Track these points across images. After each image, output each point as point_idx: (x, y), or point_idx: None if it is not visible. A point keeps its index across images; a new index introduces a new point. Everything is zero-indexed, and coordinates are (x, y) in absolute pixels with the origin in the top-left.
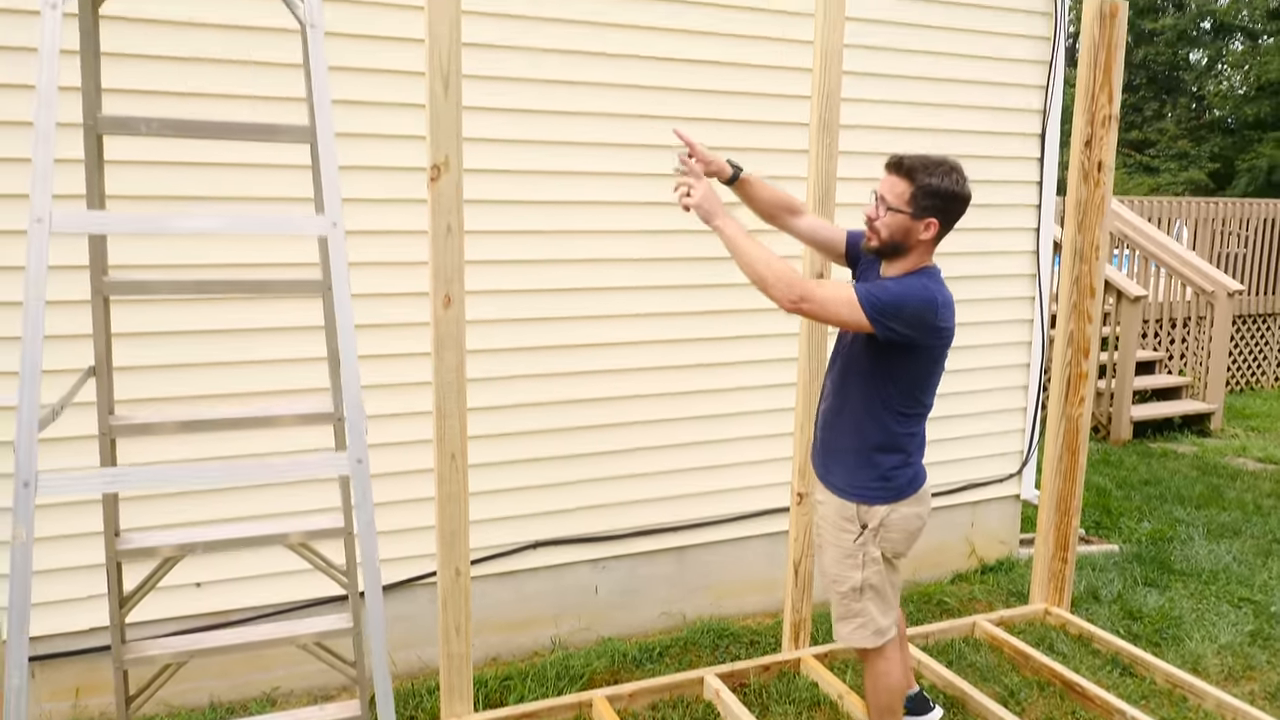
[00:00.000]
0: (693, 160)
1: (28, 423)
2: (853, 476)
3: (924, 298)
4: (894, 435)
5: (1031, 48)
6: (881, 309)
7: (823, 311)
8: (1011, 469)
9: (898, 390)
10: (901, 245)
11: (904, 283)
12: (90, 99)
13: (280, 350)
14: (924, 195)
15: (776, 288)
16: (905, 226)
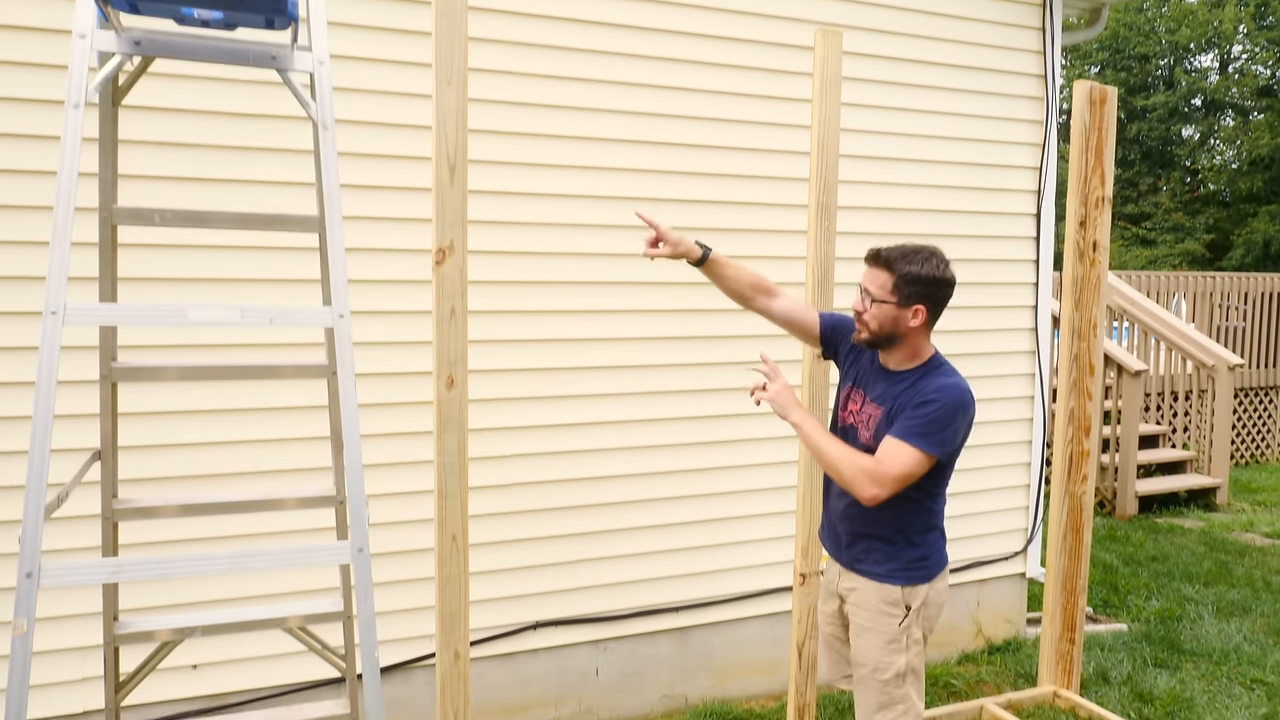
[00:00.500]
0: (765, 364)
1: (34, 512)
2: (893, 561)
3: (960, 401)
4: (931, 515)
5: (1025, 130)
6: (939, 440)
7: (897, 482)
8: (1016, 546)
9: (936, 479)
10: (893, 335)
11: (931, 400)
12: (106, 189)
13: (284, 429)
14: (906, 283)
15: (855, 486)
16: (893, 316)
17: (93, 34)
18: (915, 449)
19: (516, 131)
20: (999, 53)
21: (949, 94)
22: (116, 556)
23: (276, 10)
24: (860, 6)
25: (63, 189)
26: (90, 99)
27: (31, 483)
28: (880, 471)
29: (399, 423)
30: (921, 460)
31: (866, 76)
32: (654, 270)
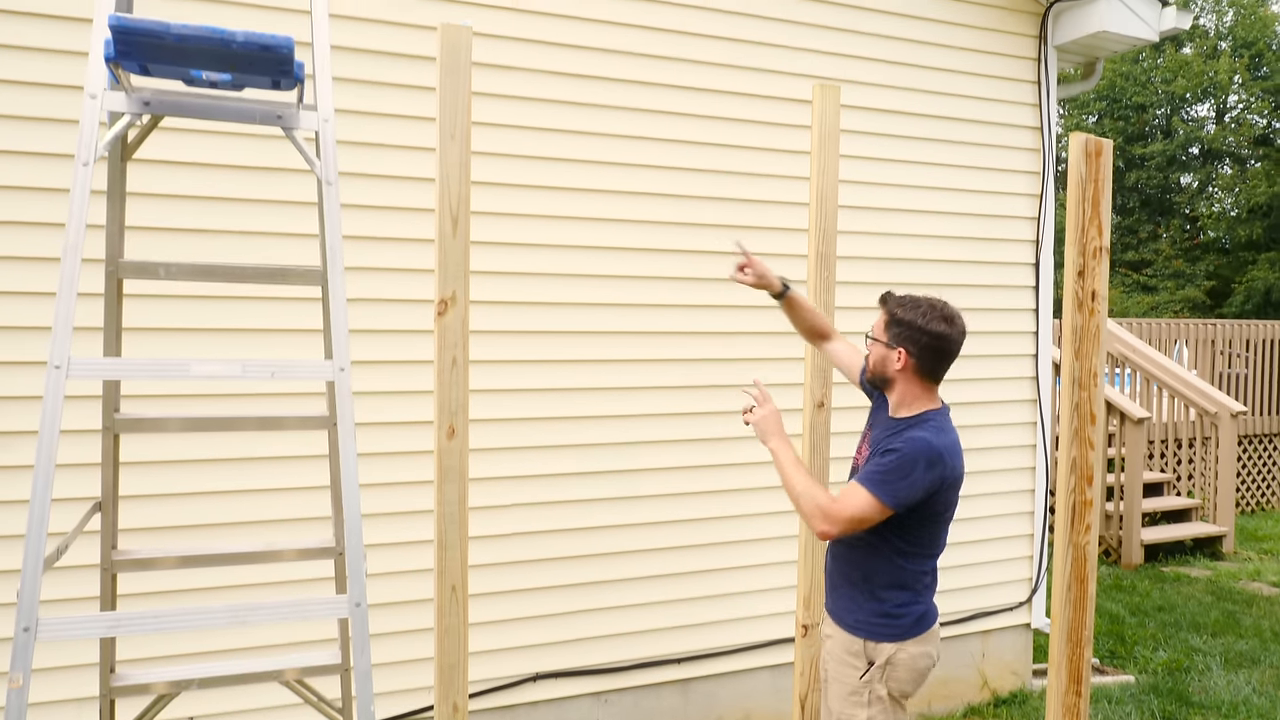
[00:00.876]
0: (757, 389)
1: (33, 566)
2: (859, 611)
3: (923, 453)
4: (901, 573)
5: (1023, 181)
6: (893, 488)
7: (849, 523)
8: (1021, 597)
9: (904, 533)
10: (883, 376)
11: (896, 448)
12: (113, 242)
13: (284, 479)
14: (893, 324)
15: (809, 519)
16: (882, 355)
17: (104, 94)
18: (869, 494)
19: (518, 184)
20: (995, 105)
21: (946, 146)
22: (115, 609)
23: (282, 72)
24: (857, 62)
25: (70, 243)
26: (99, 156)
27: (31, 535)
28: (832, 509)
29: (398, 472)
30: (874, 505)
31: (865, 129)
32: (654, 320)
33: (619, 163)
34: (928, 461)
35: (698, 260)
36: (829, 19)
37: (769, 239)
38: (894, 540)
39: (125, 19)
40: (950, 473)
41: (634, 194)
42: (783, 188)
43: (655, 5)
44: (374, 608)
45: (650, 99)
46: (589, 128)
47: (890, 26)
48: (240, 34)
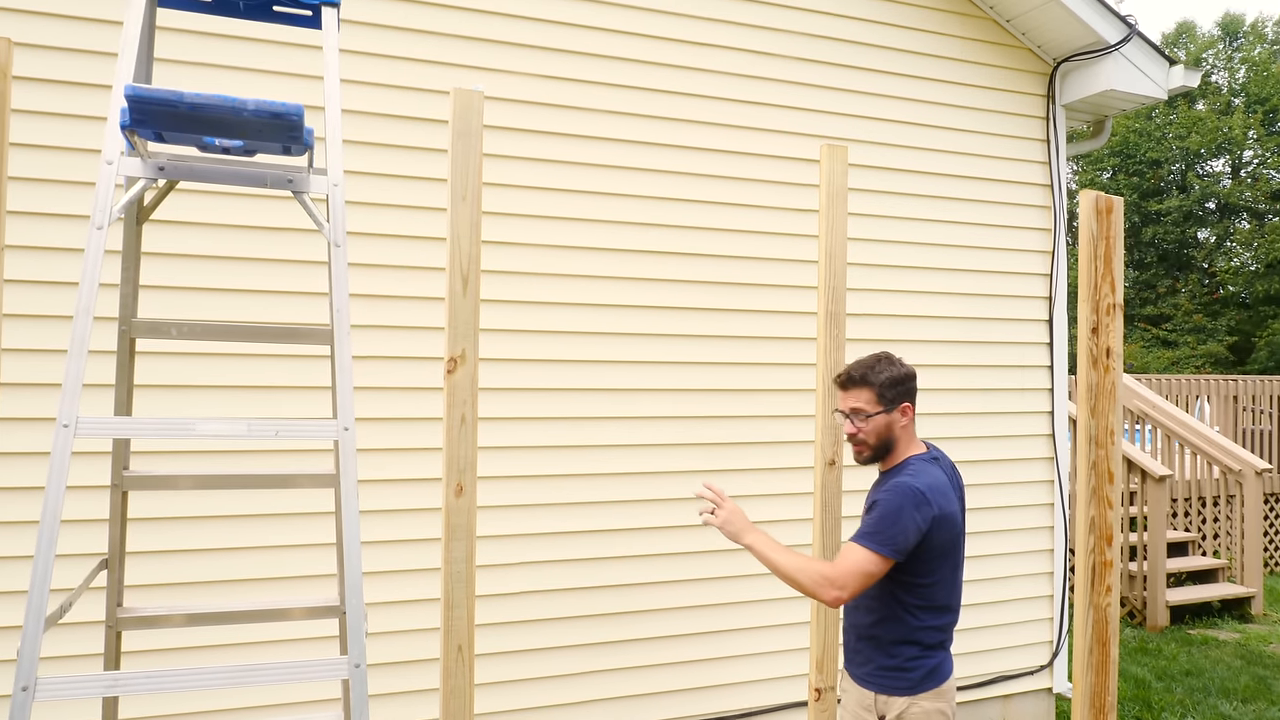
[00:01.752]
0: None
1: (34, 624)
2: (869, 664)
3: (907, 497)
4: (908, 627)
5: (1034, 238)
6: (885, 539)
7: (859, 585)
8: (1042, 660)
9: (909, 590)
10: (890, 441)
11: (880, 500)
12: (127, 303)
13: (290, 536)
14: (888, 388)
15: (817, 592)
16: (887, 423)
17: (119, 160)
18: (864, 549)
19: (527, 243)
20: (1004, 163)
21: (956, 203)
22: (119, 667)
23: (292, 138)
24: (865, 121)
25: (82, 304)
26: (114, 219)
27: (34, 592)
28: (836, 575)
29: (404, 529)
30: (873, 559)
31: (873, 188)
32: (660, 378)
33: (627, 221)
34: (914, 504)
35: (702, 319)
36: (836, 80)
37: (780, 296)
38: (899, 595)
39: (140, 89)
40: (939, 510)
41: (641, 252)
42: (792, 246)
43: (663, 69)
44: (378, 667)
45: (658, 159)
46: (597, 188)
47: (897, 87)
48: (251, 102)
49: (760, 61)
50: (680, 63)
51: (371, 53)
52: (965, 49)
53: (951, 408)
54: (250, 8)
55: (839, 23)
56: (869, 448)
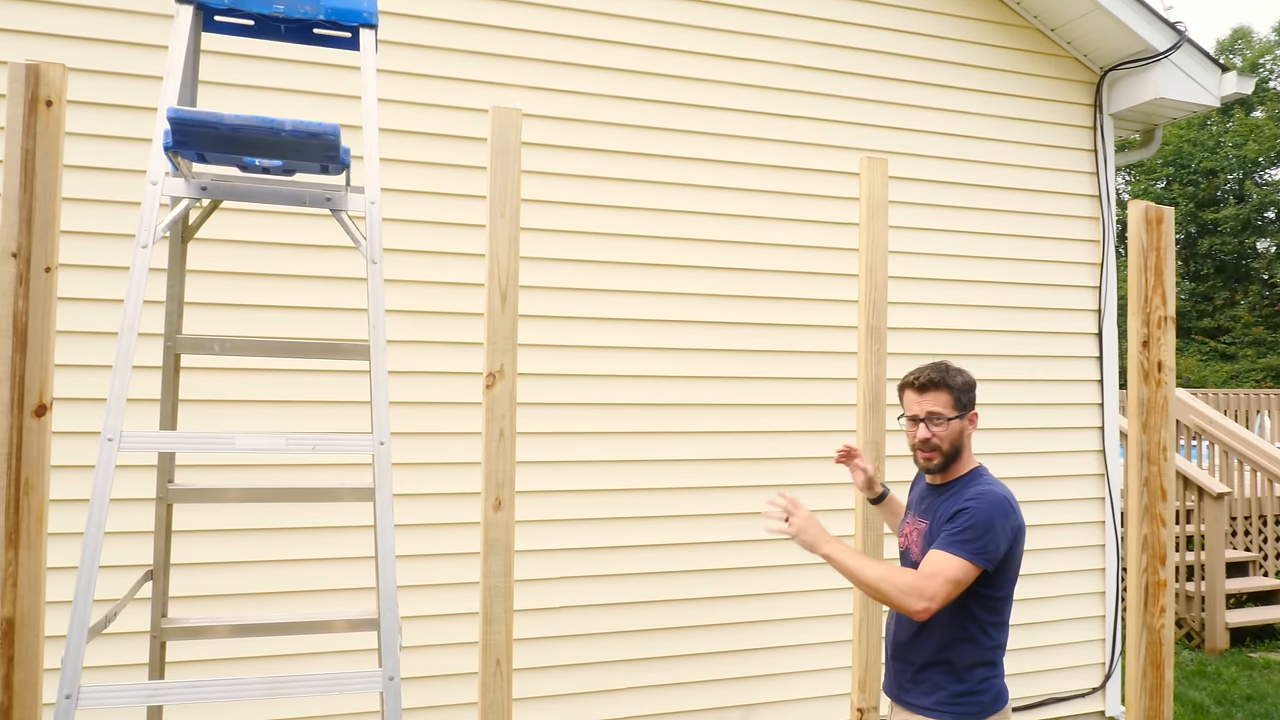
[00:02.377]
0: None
1: (78, 633)
2: (941, 691)
3: (998, 505)
4: (984, 649)
5: (1082, 250)
6: (983, 549)
7: (949, 594)
8: (1094, 682)
9: (986, 601)
10: (959, 448)
11: (968, 508)
12: (172, 320)
13: (329, 549)
14: (964, 392)
15: (903, 603)
16: (959, 429)
17: (164, 180)
18: (956, 557)
19: (566, 259)
20: (1050, 174)
21: (1000, 215)
22: (164, 677)
23: (329, 157)
24: (905, 134)
25: (127, 321)
26: (159, 237)
27: (78, 603)
28: (926, 586)
29: (441, 544)
30: (965, 567)
31: (915, 200)
32: (698, 393)
33: (664, 236)
34: (1003, 512)
35: (739, 333)
36: (876, 93)
37: (819, 311)
38: (976, 612)
39: (182, 111)
40: (1020, 519)
41: (679, 266)
42: (832, 259)
43: (700, 84)
44: (417, 680)
45: (696, 174)
46: (635, 203)
47: (939, 99)
48: (289, 123)
49: (800, 75)
50: (717, 78)
51: (409, 72)
52: (1008, 59)
53: (998, 423)
54: (291, 31)
55: (878, 35)
56: (941, 454)
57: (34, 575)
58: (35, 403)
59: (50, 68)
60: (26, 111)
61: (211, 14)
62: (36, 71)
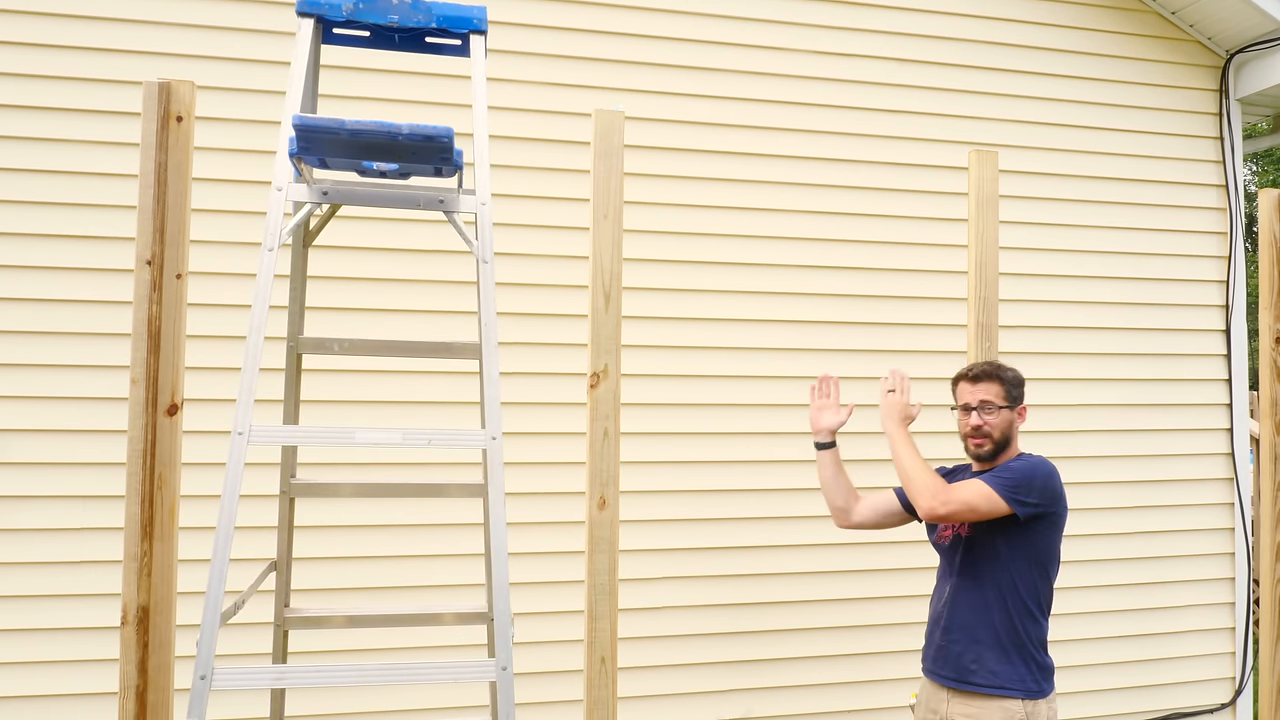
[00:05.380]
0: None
1: (211, 618)
2: (1012, 671)
3: (1045, 467)
4: (1043, 627)
5: (1207, 243)
6: (1014, 486)
7: (963, 508)
8: (1223, 697)
9: (1036, 573)
10: (1008, 439)
11: (1020, 462)
12: (294, 321)
13: (442, 546)
14: (1014, 386)
15: (920, 493)
16: (1009, 420)
17: (288, 186)
18: (987, 485)
19: (669, 259)
20: (1172, 164)
21: (1116, 208)
22: (279, 664)
23: (443, 160)
24: (1013, 125)
25: (255, 323)
26: (283, 242)
27: (211, 590)
28: (945, 491)
29: (547, 542)
30: (991, 497)
31: (1023, 193)
32: (801, 393)
33: (766, 235)
34: (1046, 473)
35: (843, 332)
36: (983, 84)
37: (925, 309)
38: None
39: (306, 118)
40: (1062, 487)
41: (781, 265)
42: (939, 256)
43: (800, 81)
44: (522, 676)
45: (797, 172)
46: (737, 203)
47: (1049, 88)
48: (405, 126)
49: (904, 69)
50: (816, 74)
51: (510, 79)
52: (1124, 45)
53: (1117, 424)
54: (405, 40)
55: (983, 25)
56: (992, 441)
57: (167, 566)
58: (168, 402)
59: (180, 85)
60: (159, 127)
61: (330, 27)
62: (168, 89)
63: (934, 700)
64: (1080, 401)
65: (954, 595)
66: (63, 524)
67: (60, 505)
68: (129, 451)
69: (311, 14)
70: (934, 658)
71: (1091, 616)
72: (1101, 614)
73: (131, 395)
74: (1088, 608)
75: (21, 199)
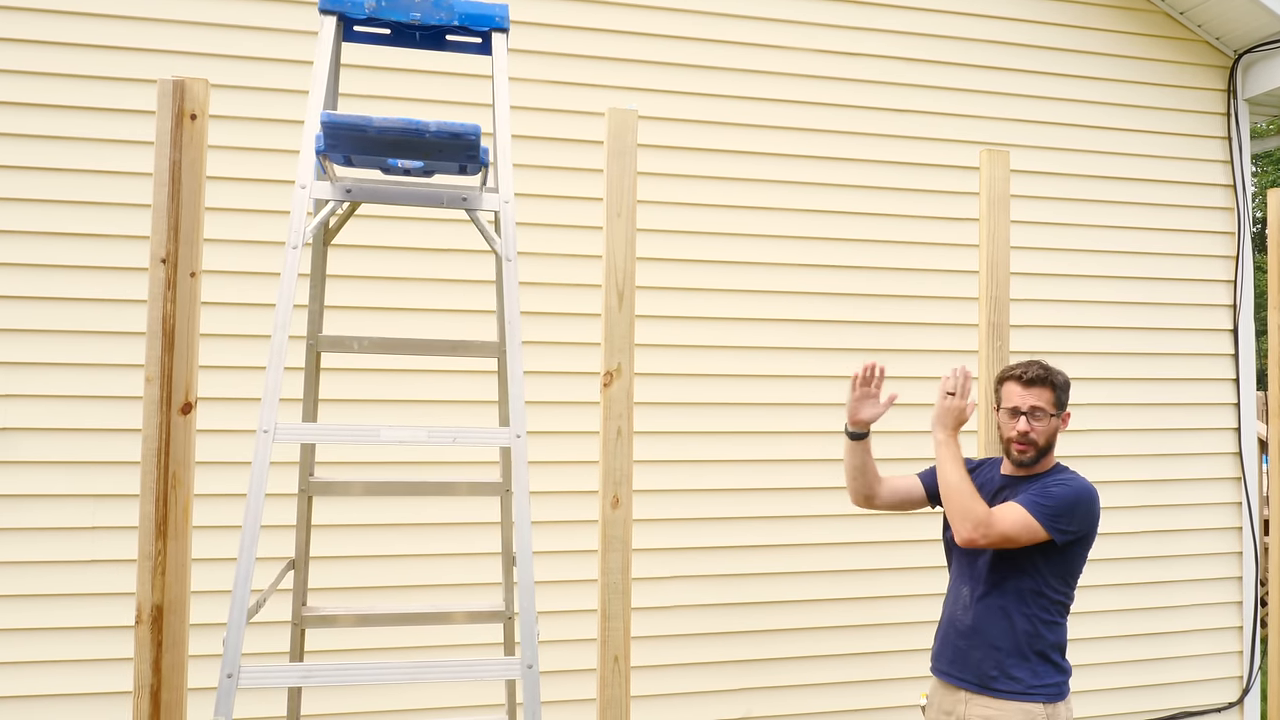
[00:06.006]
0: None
1: (238, 616)
2: (1034, 677)
3: (1088, 493)
4: (1060, 629)
5: (1215, 242)
6: (1056, 515)
7: (1001, 540)
8: (1230, 696)
9: (1060, 582)
10: (1051, 445)
11: (1062, 484)
12: (314, 320)
13: (451, 545)
14: (1063, 391)
15: (961, 518)
16: (1055, 427)
17: (311, 184)
18: (1029, 515)
19: (682, 258)
20: (1180, 164)
21: (1125, 207)
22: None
23: (469, 157)
24: (1020, 125)
25: (280, 320)
26: (308, 239)
27: (237, 588)
28: (987, 518)
29: (560, 541)
30: (1032, 526)
31: (1031, 193)
32: (814, 393)
33: (777, 235)
34: (1088, 501)
35: (852, 331)
36: (991, 84)
37: (935, 309)
38: (1065, 599)
39: (334, 115)
40: (1099, 513)
41: (792, 265)
42: (948, 256)
43: (811, 80)
44: None
45: (807, 172)
46: (748, 202)
47: (1058, 88)
48: (433, 124)
49: (914, 69)
50: (827, 74)
51: (526, 78)
52: (1133, 45)
53: (1125, 423)
54: (426, 38)
55: (993, 24)
56: (1036, 449)
57: (181, 565)
58: (182, 400)
59: (194, 83)
60: (173, 125)
61: (351, 24)
62: (182, 87)
63: (948, 700)
64: (1088, 401)
65: (975, 602)
66: (75, 523)
67: (73, 504)
68: (143, 450)
69: (334, 11)
70: (951, 661)
71: (1099, 615)
72: (1109, 613)
73: (146, 393)
74: (1095, 607)
75: (35, 197)
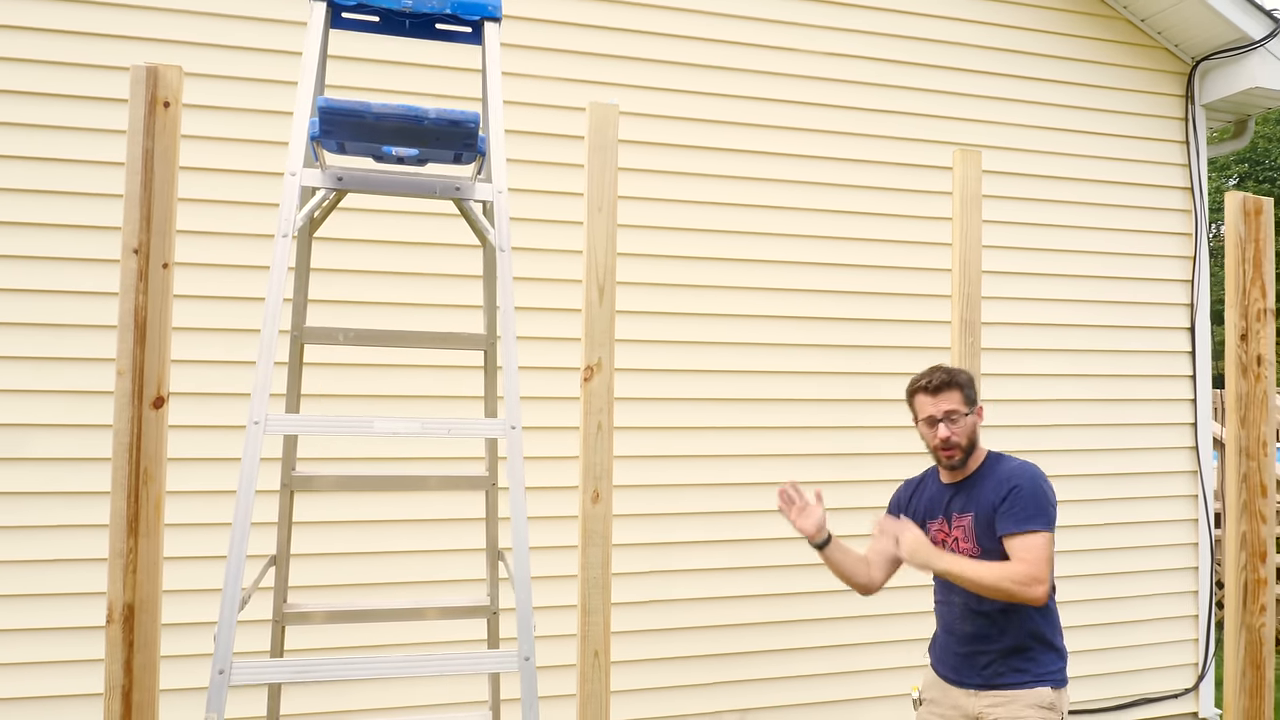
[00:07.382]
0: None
1: (229, 612)
2: (1038, 666)
3: (1037, 475)
4: (1053, 614)
5: (1174, 243)
6: (1040, 513)
7: (1047, 570)
8: (1186, 683)
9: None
10: (974, 442)
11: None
12: (299, 312)
13: (429, 541)
14: (969, 388)
15: (1028, 592)
16: (973, 423)
17: (302, 171)
18: (1042, 532)
19: (662, 254)
20: (1141, 167)
21: (1089, 208)
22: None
23: (466, 145)
24: (993, 127)
25: (269, 312)
26: (298, 227)
27: (228, 585)
28: (1031, 571)
29: (539, 537)
30: (1050, 539)
31: (1001, 193)
32: (793, 388)
33: (758, 232)
34: (1043, 479)
35: (830, 328)
36: (964, 86)
37: (909, 306)
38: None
39: (332, 100)
40: None
41: (772, 262)
42: (923, 254)
43: (790, 79)
44: None
45: (787, 170)
46: (729, 199)
47: (1027, 91)
48: (432, 111)
49: (889, 70)
50: (806, 73)
51: (510, 72)
52: (1098, 50)
53: (1086, 419)
54: (415, 26)
55: (967, 28)
56: (962, 450)
57: (152, 563)
58: (154, 395)
59: (168, 70)
60: (146, 112)
61: (339, 11)
62: (155, 73)
63: (954, 694)
64: (1051, 397)
65: (971, 610)
66: (46, 521)
67: (44, 501)
68: (114, 445)
69: None
70: (954, 668)
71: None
72: (1068, 604)
73: (117, 387)
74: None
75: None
